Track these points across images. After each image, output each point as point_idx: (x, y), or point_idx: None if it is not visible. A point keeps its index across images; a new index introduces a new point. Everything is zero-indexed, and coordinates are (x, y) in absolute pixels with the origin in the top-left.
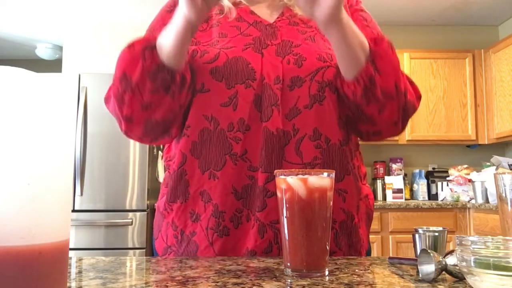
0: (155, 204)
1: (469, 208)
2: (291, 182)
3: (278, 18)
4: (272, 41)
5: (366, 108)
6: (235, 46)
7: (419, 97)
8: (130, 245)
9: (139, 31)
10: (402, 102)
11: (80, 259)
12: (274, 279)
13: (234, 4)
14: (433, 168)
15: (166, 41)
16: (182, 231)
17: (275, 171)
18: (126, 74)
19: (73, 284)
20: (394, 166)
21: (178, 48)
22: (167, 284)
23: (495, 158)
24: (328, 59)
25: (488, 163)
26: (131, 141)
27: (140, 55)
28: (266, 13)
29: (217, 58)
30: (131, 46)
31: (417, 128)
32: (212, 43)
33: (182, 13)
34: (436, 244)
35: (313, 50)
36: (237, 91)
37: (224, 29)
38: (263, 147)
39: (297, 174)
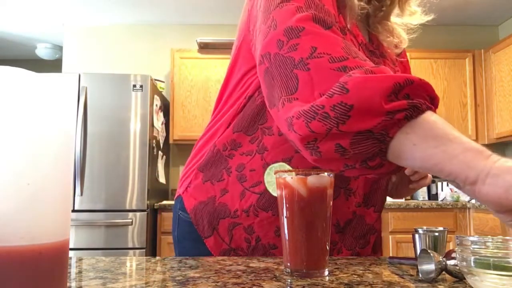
0: (181, 193)
1: (469, 208)
2: (291, 182)
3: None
4: None
5: None
6: None
7: None
8: (130, 245)
9: (138, 32)
10: None
11: (80, 259)
12: (274, 279)
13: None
14: None
15: (430, 149)
16: (258, 237)
17: (275, 170)
18: (350, 110)
19: (73, 284)
20: None
21: (425, 168)
22: (167, 284)
23: None
24: None
25: None
26: (131, 141)
27: (389, 114)
28: (361, 31)
29: None
30: (396, 92)
31: None
32: None
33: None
34: (436, 244)
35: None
36: None
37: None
38: (379, 186)
39: (297, 174)
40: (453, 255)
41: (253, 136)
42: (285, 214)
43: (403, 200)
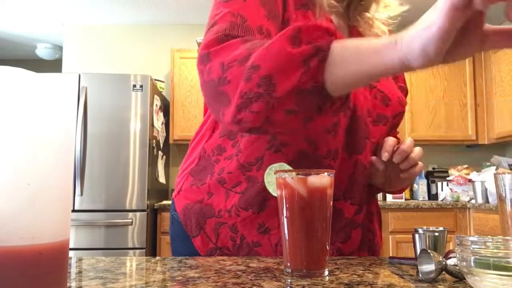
0: (171, 199)
1: (469, 208)
2: (291, 182)
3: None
4: None
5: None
6: None
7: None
8: (130, 245)
9: (138, 32)
10: None
11: (80, 259)
12: (274, 279)
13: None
14: (433, 168)
15: (355, 67)
16: (243, 236)
17: (275, 170)
18: (272, 77)
19: (73, 284)
20: None
21: (366, 81)
22: (167, 284)
23: (495, 158)
24: (403, 103)
25: (488, 163)
26: (131, 141)
27: (303, 62)
28: (340, 29)
29: None
30: (296, 40)
31: (417, 128)
32: None
33: (403, 58)
34: (436, 244)
35: (393, 90)
36: (340, 119)
37: None
38: (355, 180)
39: (297, 174)
40: (452, 255)
41: (234, 140)
42: (285, 214)
43: (403, 200)
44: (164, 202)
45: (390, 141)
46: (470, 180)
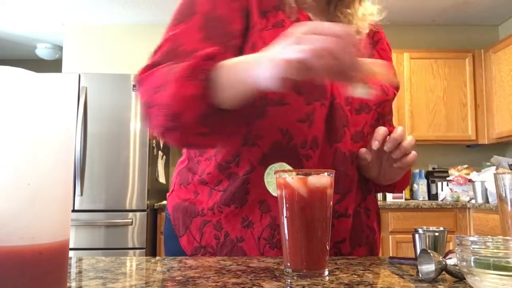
0: (166, 198)
1: (469, 208)
2: (291, 182)
3: None
4: None
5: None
6: None
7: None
8: (130, 245)
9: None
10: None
11: (80, 259)
12: (274, 279)
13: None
14: (433, 168)
15: (232, 90)
16: (227, 233)
17: (275, 170)
18: (176, 113)
19: (73, 284)
20: None
21: (245, 98)
22: (167, 284)
23: (495, 158)
24: (386, 92)
25: (488, 163)
26: (131, 141)
27: (196, 96)
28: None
29: None
30: (189, 77)
31: (417, 128)
32: None
33: (254, 85)
34: (436, 244)
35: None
36: (315, 108)
37: None
38: (335, 168)
39: (297, 174)
40: (452, 255)
41: None
42: (285, 214)
43: (403, 200)
44: (164, 202)
45: (381, 130)
46: (470, 180)
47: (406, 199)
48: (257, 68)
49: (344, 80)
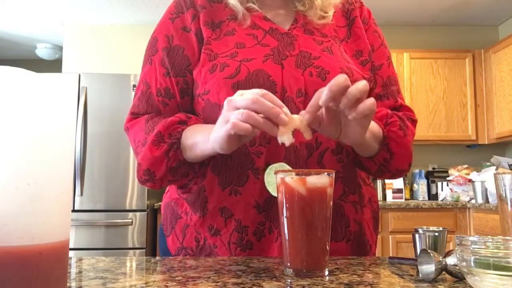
0: (164, 198)
1: (469, 208)
2: (291, 182)
3: (292, 25)
4: (291, 51)
5: (381, 176)
6: (255, 58)
7: (415, 123)
8: (130, 245)
9: (138, 32)
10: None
11: (80, 259)
12: (274, 279)
13: (247, 9)
14: (433, 168)
15: (190, 154)
16: (205, 238)
17: (275, 170)
18: (150, 170)
19: (73, 284)
20: None
21: (202, 159)
22: (167, 284)
23: (495, 158)
24: (349, 74)
25: (488, 163)
26: None
27: (165, 155)
28: (280, 19)
29: (238, 72)
30: (158, 142)
31: (417, 128)
32: (232, 55)
33: (211, 148)
34: (436, 244)
35: (334, 63)
36: None
37: (241, 38)
38: (286, 160)
39: (297, 174)
40: (452, 255)
41: None
42: (285, 214)
43: (403, 200)
44: None
45: (336, 80)
46: (470, 180)
47: (406, 199)
48: (207, 142)
49: (273, 131)
